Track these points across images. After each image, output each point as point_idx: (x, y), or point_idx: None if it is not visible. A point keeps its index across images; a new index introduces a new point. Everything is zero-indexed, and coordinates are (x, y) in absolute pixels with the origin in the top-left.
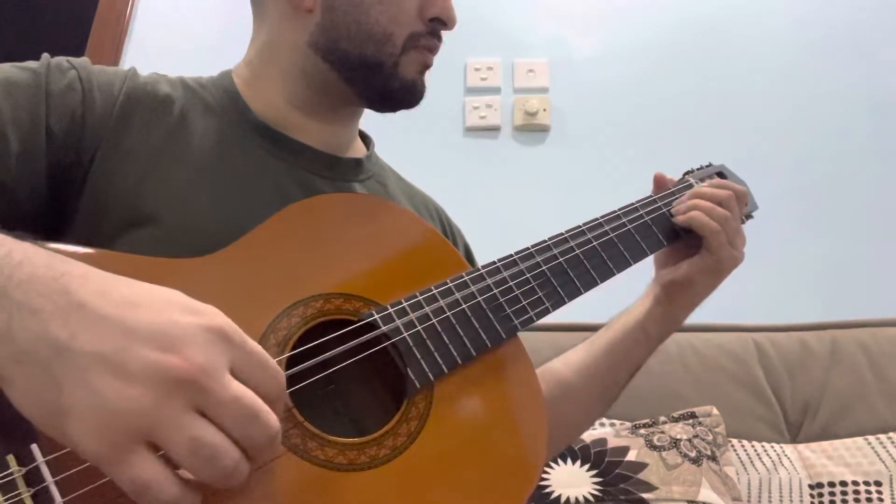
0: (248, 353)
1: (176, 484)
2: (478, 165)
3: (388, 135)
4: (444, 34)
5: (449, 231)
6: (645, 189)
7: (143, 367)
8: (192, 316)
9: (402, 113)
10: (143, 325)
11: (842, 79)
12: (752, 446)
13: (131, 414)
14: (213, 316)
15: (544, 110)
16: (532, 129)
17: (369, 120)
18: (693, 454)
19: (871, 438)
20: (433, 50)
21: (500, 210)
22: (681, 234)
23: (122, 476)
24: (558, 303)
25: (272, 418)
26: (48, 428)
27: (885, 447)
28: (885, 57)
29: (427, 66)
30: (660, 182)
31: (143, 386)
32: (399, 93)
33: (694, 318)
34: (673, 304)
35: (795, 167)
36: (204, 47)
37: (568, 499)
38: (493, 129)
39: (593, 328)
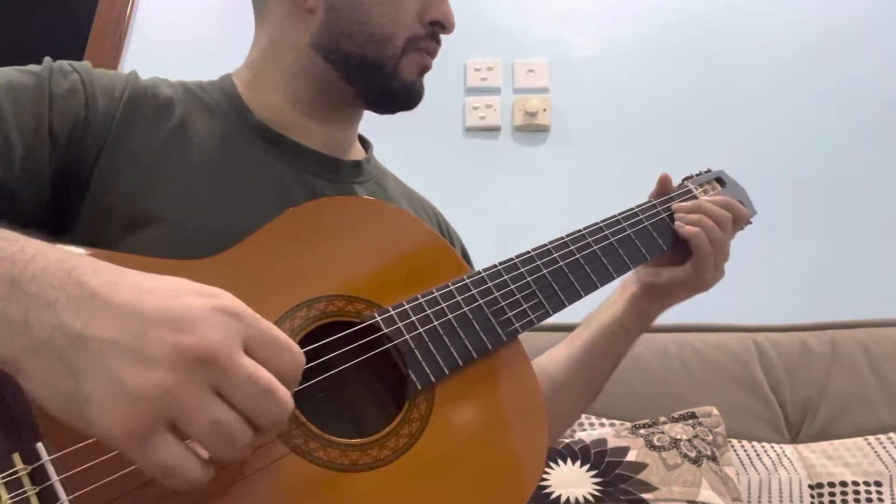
0: (260, 331)
1: (200, 464)
2: (478, 165)
3: (388, 135)
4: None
5: (447, 234)
6: (645, 189)
7: (161, 349)
8: (203, 298)
9: (402, 113)
10: (156, 310)
11: (841, 78)
12: (752, 446)
13: (153, 397)
14: (224, 297)
15: (544, 110)
16: (532, 129)
17: (370, 120)
18: (693, 454)
19: (871, 438)
20: (432, 53)
21: (500, 210)
22: (679, 240)
23: (148, 460)
24: (558, 306)
25: (286, 396)
26: (67, 417)
27: (885, 447)
28: (884, 57)
29: (426, 68)
30: (664, 183)
31: (163, 368)
32: (398, 93)
33: (694, 318)
34: (651, 303)
35: (795, 167)
36: (204, 47)
37: (568, 499)
38: (493, 129)
39: None
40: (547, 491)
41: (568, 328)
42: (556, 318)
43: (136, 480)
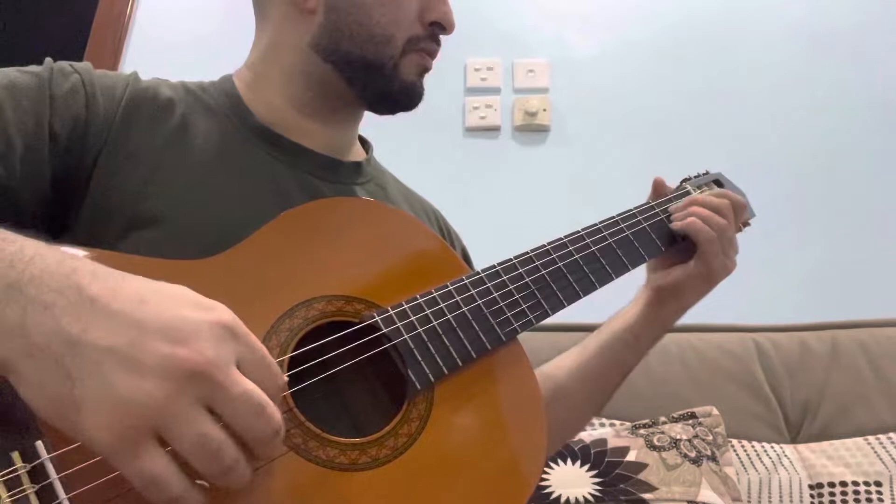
0: (252, 351)
1: (183, 480)
2: (478, 165)
3: (388, 135)
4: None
5: (447, 235)
6: (645, 189)
7: (155, 360)
8: (200, 311)
9: (402, 113)
10: (153, 320)
11: (841, 79)
12: (752, 446)
13: (144, 407)
14: (222, 312)
15: (544, 110)
16: (532, 129)
17: (370, 120)
18: (693, 454)
19: (871, 438)
20: (432, 54)
21: (500, 210)
22: (678, 239)
23: (132, 469)
24: (557, 306)
25: (276, 414)
26: (58, 420)
27: (885, 447)
28: (883, 58)
29: (426, 69)
30: (658, 186)
31: (156, 379)
32: (398, 94)
33: (694, 318)
34: (663, 308)
35: (795, 167)
36: (204, 47)
37: (568, 499)
38: (493, 129)
39: (592, 328)
40: (547, 491)
41: (569, 328)
42: (556, 318)
43: None
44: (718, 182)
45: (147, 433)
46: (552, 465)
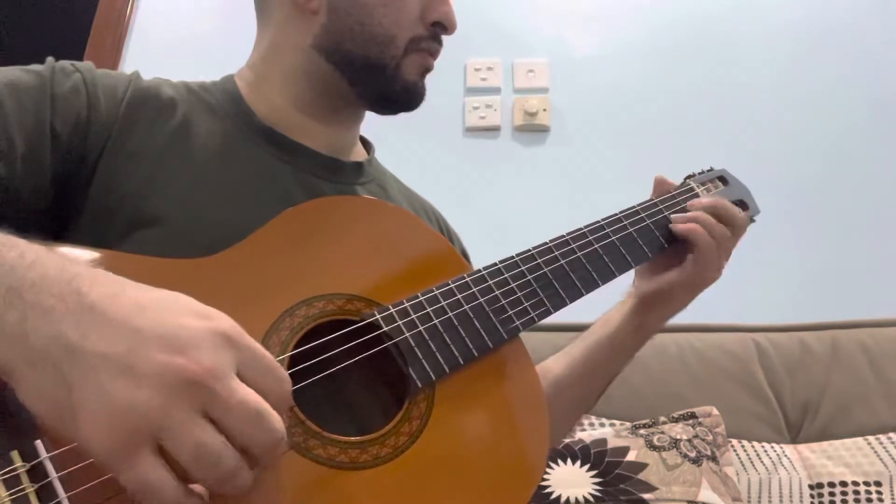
0: (254, 357)
1: (177, 488)
2: (478, 165)
3: (388, 135)
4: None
5: (447, 235)
6: (645, 189)
7: (151, 368)
8: (199, 319)
9: (402, 114)
10: (151, 328)
11: (842, 78)
12: (752, 446)
13: (139, 415)
14: (221, 320)
15: (544, 110)
16: (532, 129)
17: (370, 121)
18: (693, 454)
19: (871, 438)
20: (434, 54)
21: (500, 210)
22: (678, 239)
23: (127, 476)
24: (559, 304)
25: (277, 422)
26: (57, 426)
27: (885, 447)
28: (885, 57)
29: (428, 69)
30: (660, 184)
31: (151, 387)
32: (400, 94)
33: (694, 318)
34: (649, 314)
35: (795, 167)
36: (204, 47)
37: (568, 499)
38: (493, 130)
39: None
40: (547, 491)
41: (569, 328)
42: (557, 318)
43: None
44: (723, 178)
45: (143, 441)
46: (552, 465)
